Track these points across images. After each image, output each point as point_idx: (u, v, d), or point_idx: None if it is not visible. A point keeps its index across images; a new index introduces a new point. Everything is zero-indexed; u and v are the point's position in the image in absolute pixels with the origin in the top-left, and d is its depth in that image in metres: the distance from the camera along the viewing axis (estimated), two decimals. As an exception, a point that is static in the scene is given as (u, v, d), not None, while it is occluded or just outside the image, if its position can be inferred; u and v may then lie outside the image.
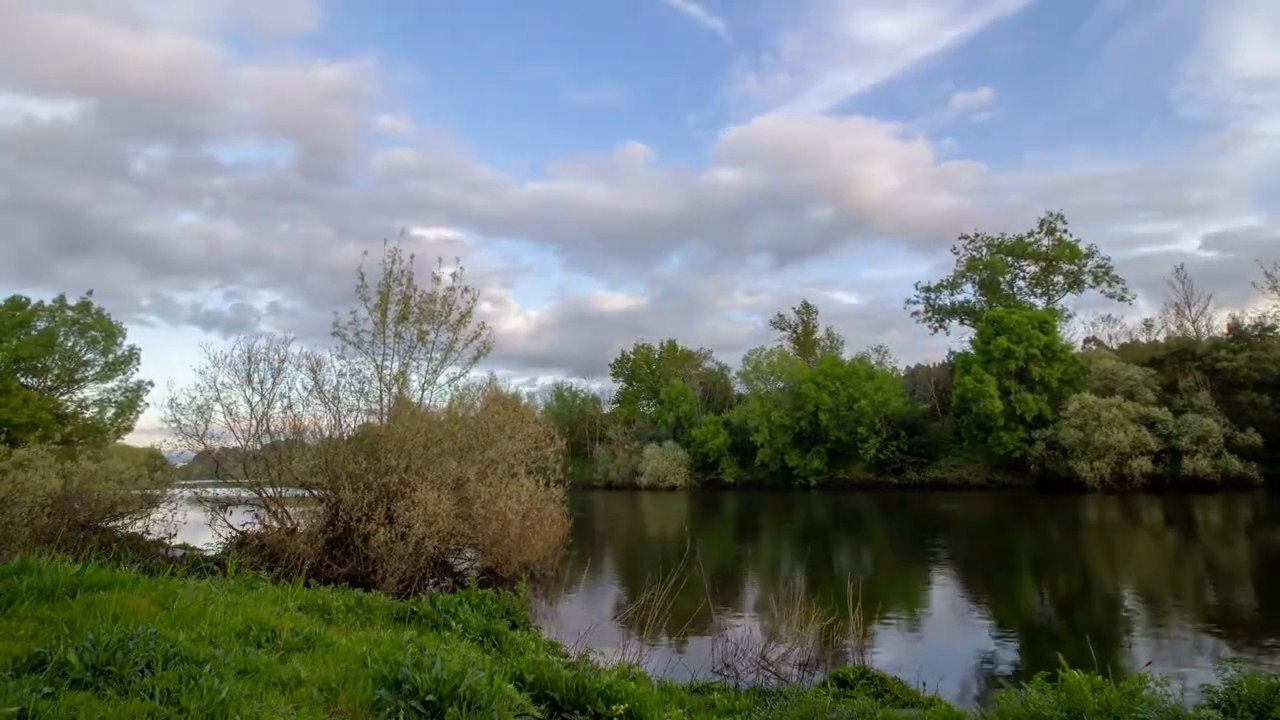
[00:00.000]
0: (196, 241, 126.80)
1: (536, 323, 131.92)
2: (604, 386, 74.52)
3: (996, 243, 55.19)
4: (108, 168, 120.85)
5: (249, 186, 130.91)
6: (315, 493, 14.52)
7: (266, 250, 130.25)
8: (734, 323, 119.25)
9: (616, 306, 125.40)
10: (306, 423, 15.19)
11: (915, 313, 59.47)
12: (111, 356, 31.02)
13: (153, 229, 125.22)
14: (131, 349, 31.63)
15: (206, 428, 14.40)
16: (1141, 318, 78.15)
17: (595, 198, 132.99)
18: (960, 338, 55.80)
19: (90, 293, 32.22)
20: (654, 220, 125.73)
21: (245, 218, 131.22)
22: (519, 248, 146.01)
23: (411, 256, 15.98)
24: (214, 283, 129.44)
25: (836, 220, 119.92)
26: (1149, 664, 6.23)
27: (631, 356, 71.85)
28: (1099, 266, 52.12)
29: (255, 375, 14.61)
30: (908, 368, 60.84)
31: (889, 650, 10.23)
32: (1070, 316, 52.60)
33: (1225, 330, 41.95)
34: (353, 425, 15.51)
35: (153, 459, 24.17)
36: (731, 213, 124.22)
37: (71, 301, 30.61)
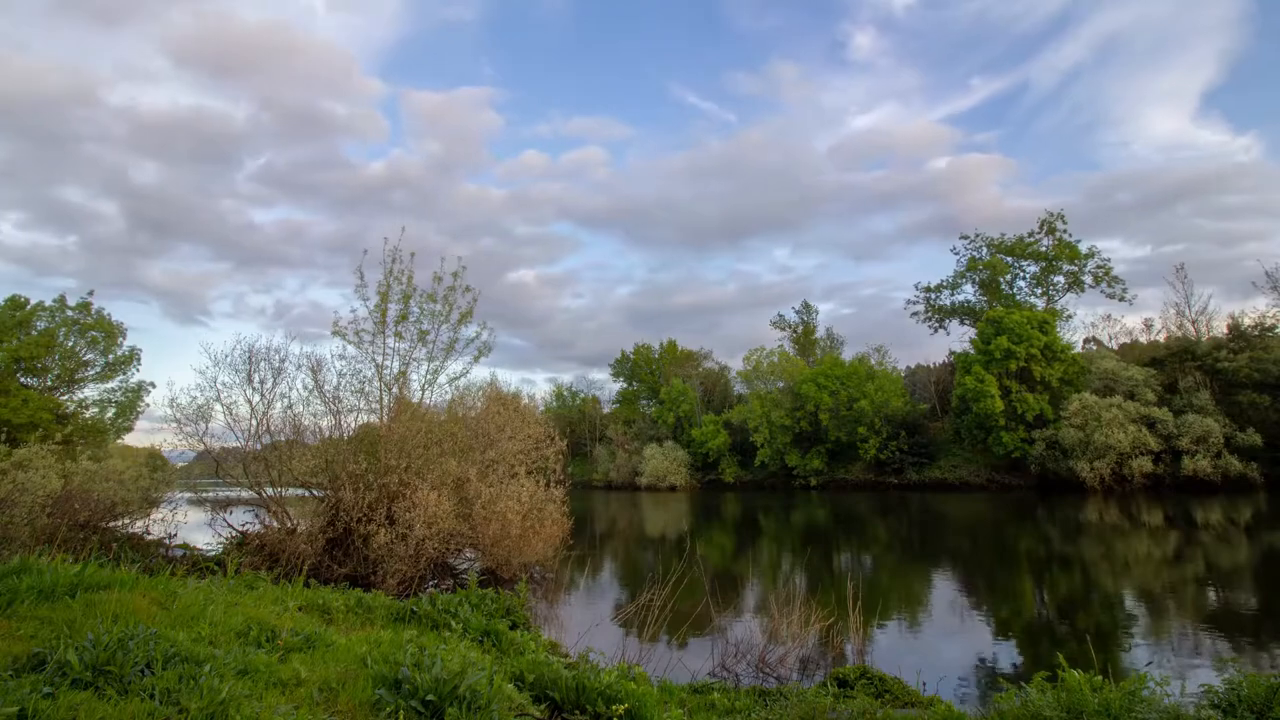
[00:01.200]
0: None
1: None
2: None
3: (997, 243, 55.20)
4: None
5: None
6: (315, 493, 14.52)
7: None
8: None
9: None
10: (306, 423, 15.21)
11: (915, 313, 59.53)
12: (112, 357, 31.01)
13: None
14: (132, 349, 31.65)
15: (207, 427, 14.42)
16: (1141, 317, 77.82)
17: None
18: (960, 338, 55.84)
19: (91, 293, 32.27)
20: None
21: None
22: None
23: (412, 255, 15.98)
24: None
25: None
26: (1149, 664, 6.23)
27: (631, 356, 71.87)
28: (1099, 267, 52.17)
29: (256, 375, 14.63)
30: (908, 368, 60.88)
31: (889, 650, 10.23)
32: (1070, 316, 52.64)
33: (1225, 330, 41.97)
34: (353, 425, 15.52)
35: (153, 459, 24.18)
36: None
37: (72, 301, 30.63)
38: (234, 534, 14.31)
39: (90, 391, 30.86)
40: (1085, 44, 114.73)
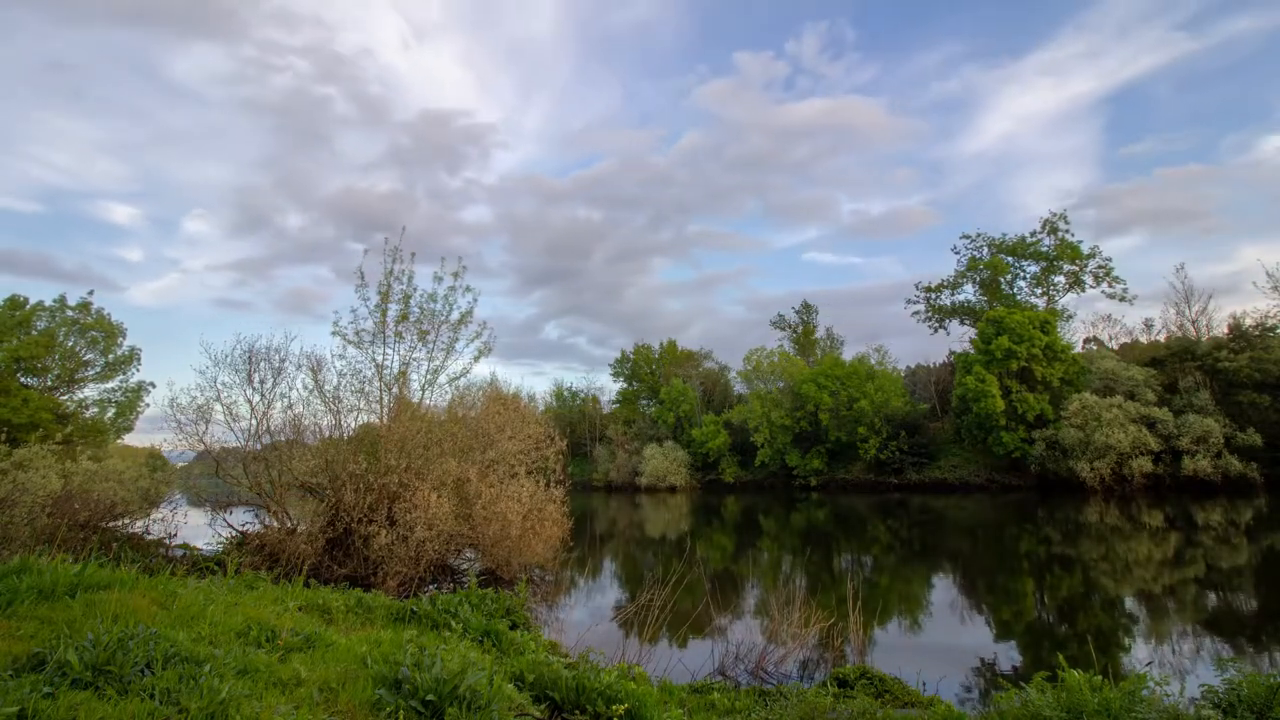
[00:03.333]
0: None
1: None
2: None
3: (998, 243, 55.18)
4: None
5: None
6: (316, 493, 14.52)
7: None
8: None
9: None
10: (306, 423, 15.20)
11: (916, 313, 59.49)
12: (112, 357, 31.00)
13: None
14: (132, 349, 31.65)
15: (207, 427, 14.42)
16: (1142, 317, 77.19)
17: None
18: (960, 338, 55.79)
19: (91, 292, 32.27)
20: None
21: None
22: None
23: (413, 254, 15.99)
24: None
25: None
26: (1149, 664, 6.23)
27: (631, 356, 71.85)
28: (1100, 267, 52.12)
29: (256, 375, 14.63)
30: (908, 368, 60.79)
31: (889, 651, 10.23)
32: (1071, 316, 52.59)
33: (1226, 330, 41.95)
34: (353, 425, 15.52)
35: (153, 459, 24.19)
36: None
37: (72, 301, 30.64)
38: (234, 534, 14.31)
39: (90, 391, 30.87)
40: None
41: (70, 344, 29.91)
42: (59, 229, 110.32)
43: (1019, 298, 53.82)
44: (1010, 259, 54.45)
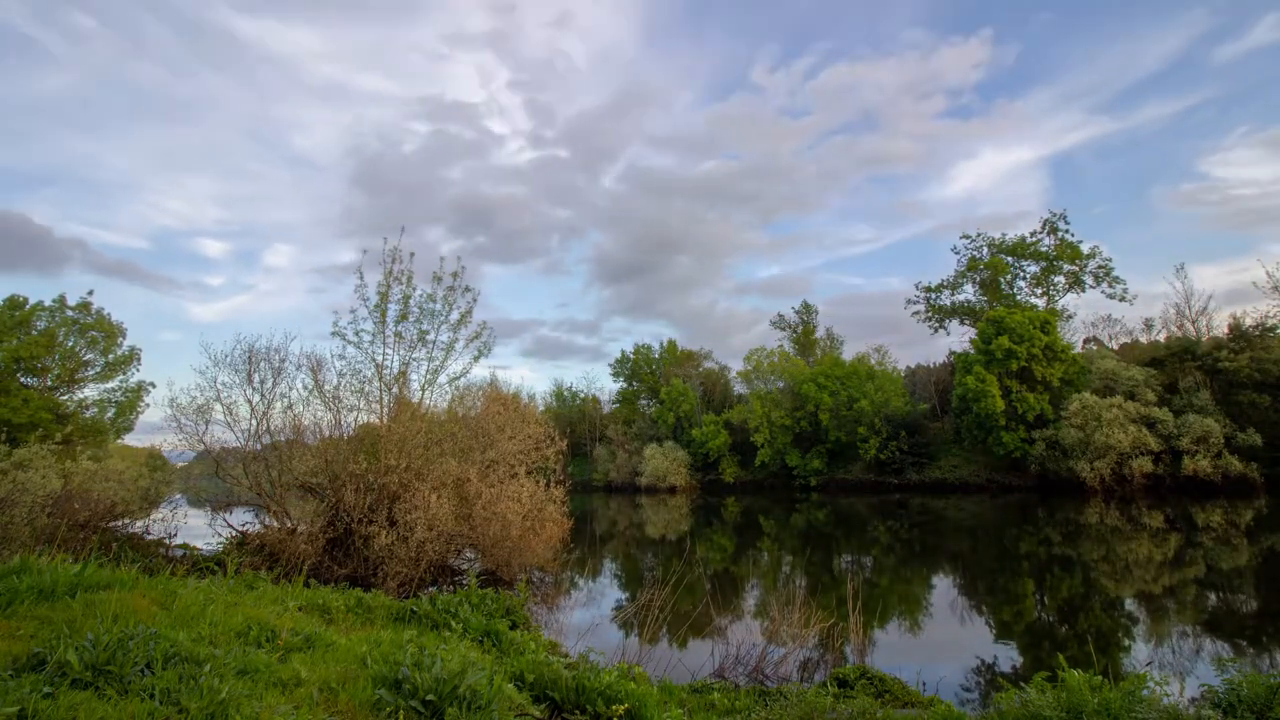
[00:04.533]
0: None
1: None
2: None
3: (997, 243, 55.17)
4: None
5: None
6: (316, 493, 14.52)
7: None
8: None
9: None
10: (306, 422, 15.19)
11: (916, 313, 59.48)
12: (112, 357, 30.98)
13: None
14: (132, 349, 31.63)
15: (207, 427, 14.41)
16: (1141, 317, 77.45)
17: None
18: (960, 338, 55.78)
19: (91, 293, 32.26)
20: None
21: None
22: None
23: (412, 255, 15.98)
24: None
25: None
26: (1149, 664, 6.22)
27: (631, 356, 71.86)
28: (1100, 267, 52.11)
29: (256, 375, 14.62)
30: (908, 368, 60.82)
31: (889, 651, 10.23)
32: (1071, 316, 52.57)
33: (1226, 330, 41.94)
34: (353, 425, 15.51)
35: (153, 459, 24.20)
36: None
37: (72, 301, 30.63)
38: (234, 534, 14.30)
39: (90, 391, 30.84)
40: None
41: (70, 344, 29.90)
42: (159, 260, 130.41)
43: (1019, 298, 53.80)
44: (1010, 259, 54.44)
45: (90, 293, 31.96)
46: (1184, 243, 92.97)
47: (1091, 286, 52.45)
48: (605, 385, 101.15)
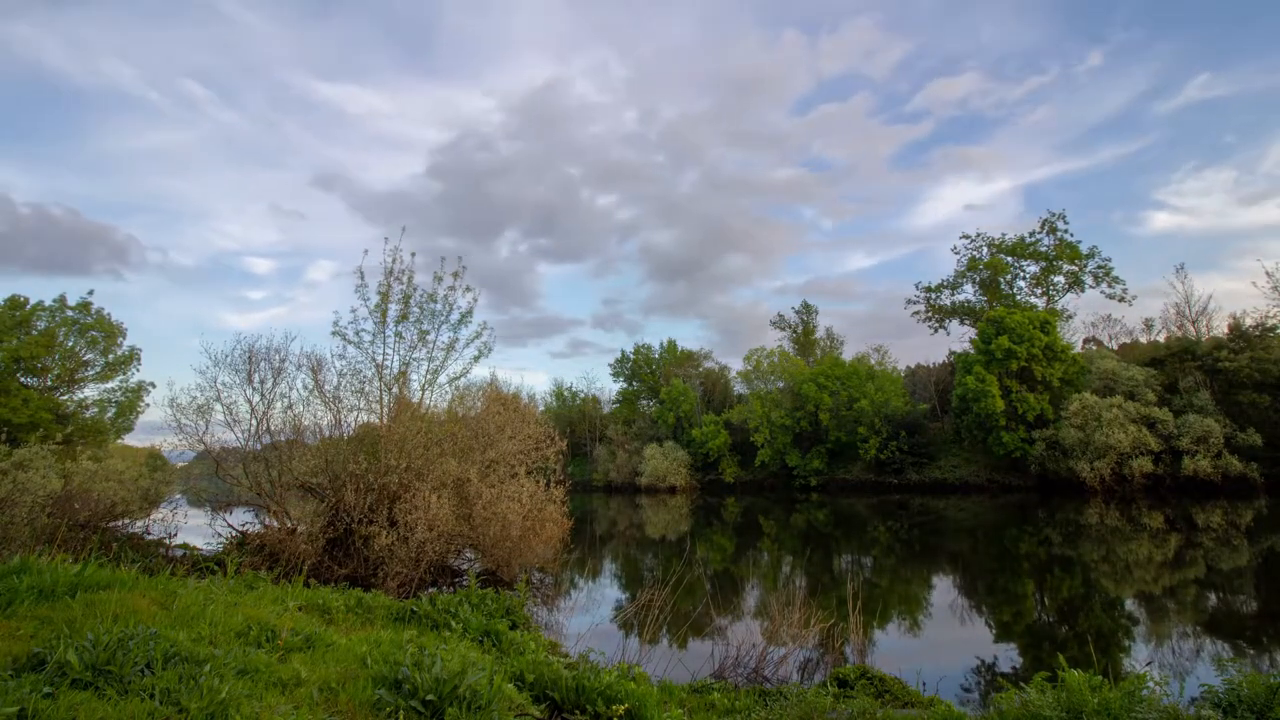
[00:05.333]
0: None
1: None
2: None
3: (997, 243, 55.19)
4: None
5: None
6: (316, 493, 14.51)
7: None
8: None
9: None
10: (306, 422, 15.19)
11: (916, 313, 59.48)
12: (112, 357, 30.97)
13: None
14: (132, 349, 31.63)
15: (207, 427, 14.41)
16: (1142, 318, 77.85)
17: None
18: (960, 338, 55.76)
19: (91, 293, 32.26)
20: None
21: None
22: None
23: (413, 254, 15.98)
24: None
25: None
26: (1149, 664, 6.22)
27: (631, 356, 71.87)
28: (1099, 267, 52.11)
29: (256, 375, 14.62)
30: (908, 368, 60.84)
31: (889, 651, 10.23)
32: (1071, 316, 52.57)
33: (1226, 330, 41.93)
34: (353, 425, 15.50)
35: (153, 459, 24.20)
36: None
37: (72, 301, 30.64)
38: (234, 534, 14.30)
39: (90, 391, 30.84)
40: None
41: (70, 344, 29.90)
42: (208, 278, 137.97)
43: (1019, 298, 53.81)
44: (1010, 259, 54.44)
45: (90, 292, 31.99)
46: (1145, 262, 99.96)
47: (1091, 286, 52.48)
48: (605, 385, 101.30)
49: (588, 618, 12.35)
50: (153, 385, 32.05)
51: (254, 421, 14.54)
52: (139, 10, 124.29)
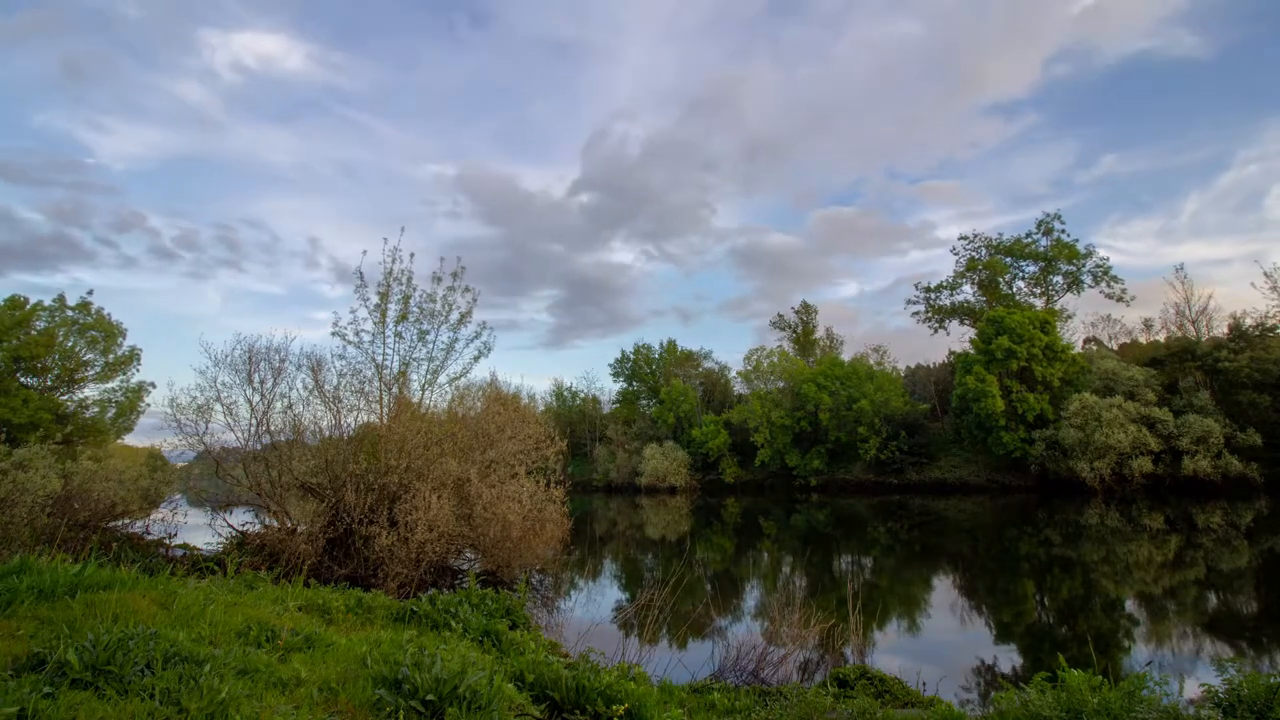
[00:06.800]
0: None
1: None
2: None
3: (995, 244, 55.21)
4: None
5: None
6: (316, 493, 14.51)
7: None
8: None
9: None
10: (306, 423, 15.19)
11: (915, 313, 59.49)
12: (112, 357, 30.99)
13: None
14: (132, 349, 31.63)
15: (206, 427, 14.41)
16: (1141, 317, 78.14)
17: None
18: (960, 338, 55.77)
19: (90, 292, 32.26)
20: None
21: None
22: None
23: (411, 255, 15.99)
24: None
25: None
26: (1149, 664, 6.22)
27: (631, 356, 71.85)
28: (1098, 267, 52.12)
29: (255, 375, 14.61)
30: (907, 368, 60.83)
31: (889, 652, 10.23)
32: (1070, 316, 52.57)
33: (1226, 330, 41.95)
34: (352, 425, 15.50)
35: (153, 459, 24.19)
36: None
37: (72, 301, 30.64)
38: (234, 534, 14.30)
39: (90, 391, 30.85)
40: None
41: (70, 344, 29.90)
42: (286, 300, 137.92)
43: (1018, 298, 53.82)
44: (1009, 259, 54.45)
45: (90, 292, 32.00)
46: (1088, 292, 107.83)
47: (1090, 286, 52.47)
48: (605, 385, 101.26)
49: (588, 618, 12.35)
50: (153, 385, 32.08)
51: (254, 421, 14.54)
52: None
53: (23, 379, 28.31)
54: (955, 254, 57.26)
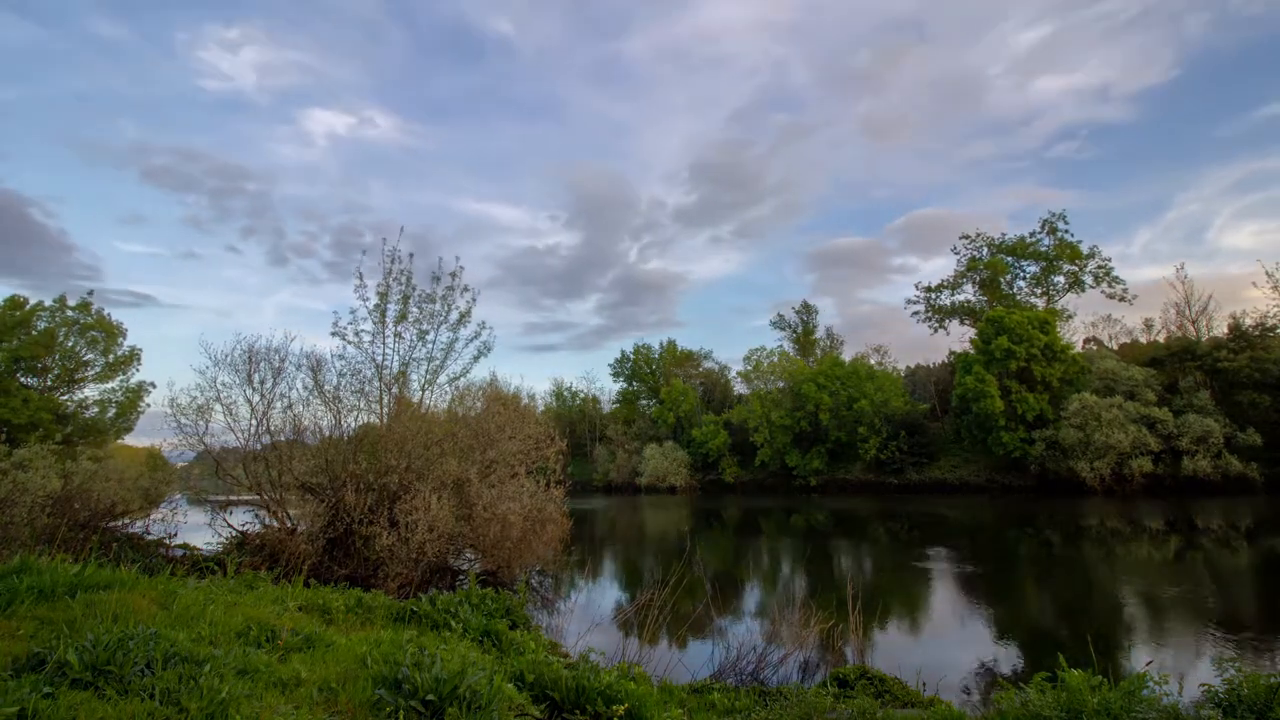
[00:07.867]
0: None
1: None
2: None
3: (997, 243, 55.20)
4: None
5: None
6: (316, 493, 14.51)
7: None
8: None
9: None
10: (306, 423, 15.18)
11: (915, 313, 59.51)
12: (112, 357, 30.97)
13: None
14: (132, 349, 31.62)
15: (206, 427, 14.40)
16: (1142, 317, 78.18)
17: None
18: (960, 338, 55.79)
19: (91, 293, 32.26)
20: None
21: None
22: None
23: (410, 255, 16.00)
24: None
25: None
26: (1148, 663, 6.22)
27: (631, 356, 71.87)
28: (1099, 267, 52.12)
29: (255, 375, 14.61)
30: (908, 368, 60.83)
31: (889, 652, 10.23)
32: (1070, 316, 52.58)
33: (1226, 330, 41.96)
34: (352, 425, 15.51)
35: (153, 459, 24.19)
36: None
37: (72, 302, 30.63)
38: (234, 534, 14.30)
39: (90, 391, 30.83)
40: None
41: (70, 344, 29.88)
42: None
43: (1019, 298, 53.81)
44: (1010, 259, 54.45)
45: (90, 293, 31.98)
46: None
47: (1091, 286, 52.48)
48: (605, 385, 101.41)
49: (588, 617, 12.34)
50: (153, 385, 32.07)
51: (254, 421, 14.54)
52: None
53: (23, 379, 28.32)
54: (956, 253, 57.31)
